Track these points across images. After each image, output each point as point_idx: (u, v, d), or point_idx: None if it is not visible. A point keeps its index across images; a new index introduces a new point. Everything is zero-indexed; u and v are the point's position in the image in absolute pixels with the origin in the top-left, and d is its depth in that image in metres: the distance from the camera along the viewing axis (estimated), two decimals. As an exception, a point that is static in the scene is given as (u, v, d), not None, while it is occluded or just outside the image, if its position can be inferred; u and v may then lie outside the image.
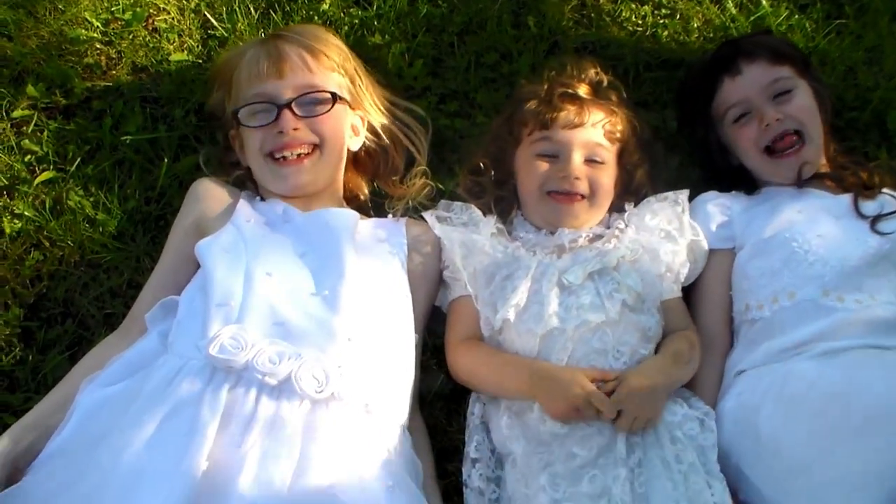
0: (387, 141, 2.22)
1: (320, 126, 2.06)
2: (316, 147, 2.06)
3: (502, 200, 2.15)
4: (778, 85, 2.20)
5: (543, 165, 2.06)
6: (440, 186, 2.26)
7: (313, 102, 2.06)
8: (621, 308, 1.92)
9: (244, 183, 2.14)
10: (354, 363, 1.75)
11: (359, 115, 2.17)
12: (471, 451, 1.92)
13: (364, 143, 2.19)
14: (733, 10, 2.56)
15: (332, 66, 2.12)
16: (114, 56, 2.44)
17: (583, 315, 1.90)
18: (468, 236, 2.04)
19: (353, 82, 2.16)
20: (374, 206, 2.26)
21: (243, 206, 2.02)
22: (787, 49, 2.32)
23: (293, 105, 2.02)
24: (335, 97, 2.07)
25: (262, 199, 2.10)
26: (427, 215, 2.12)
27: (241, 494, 1.52)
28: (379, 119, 2.21)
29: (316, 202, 2.07)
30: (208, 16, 2.50)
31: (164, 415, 1.61)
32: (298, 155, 2.04)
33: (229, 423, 1.60)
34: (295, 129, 2.02)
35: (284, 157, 2.04)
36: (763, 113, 2.17)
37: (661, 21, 2.57)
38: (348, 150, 2.15)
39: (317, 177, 2.07)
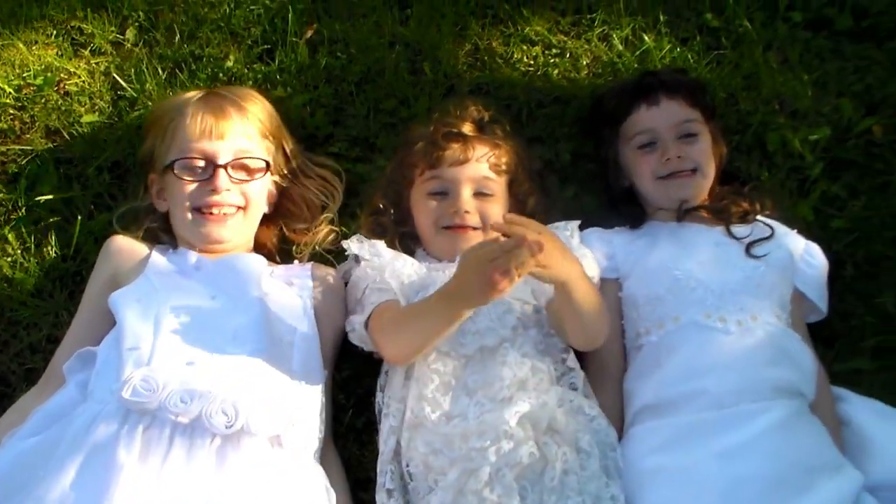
0: (299, 198, 2.46)
1: (248, 190, 2.28)
2: (240, 209, 2.28)
3: (405, 237, 2.37)
4: (687, 126, 2.44)
5: (434, 203, 2.29)
6: (344, 230, 2.46)
7: (245, 167, 2.29)
8: (514, 326, 2.14)
9: (156, 237, 2.34)
10: (263, 398, 1.92)
11: (276, 179, 2.40)
12: (385, 481, 2.06)
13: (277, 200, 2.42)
14: (620, 47, 2.82)
15: (265, 133, 2.36)
16: (27, 120, 2.67)
17: (479, 341, 2.11)
18: (395, 256, 2.25)
19: (277, 149, 2.40)
20: (281, 252, 2.46)
21: (156, 257, 2.22)
22: (703, 95, 2.58)
23: (228, 167, 2.24)
24: (268, 165, 2.32)
25: (174, 248, 2.30)
26: (348, 243, 2.30)
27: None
28: (298, 180, 2.45)
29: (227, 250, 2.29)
30: (117, 78, 2.74)
31: (84, 459, 1.77)
32: (223, 213, 2.25)
33: (146, 462, 1.77)
34: (227, 190, 2.24)
35: (211, 213, 2.24)
36: (667, 147, 2.41)
37: (552, 60, 2.83)
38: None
39: (234, 234, 2.29)
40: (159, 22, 2.86)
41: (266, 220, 2.42)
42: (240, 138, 2.29)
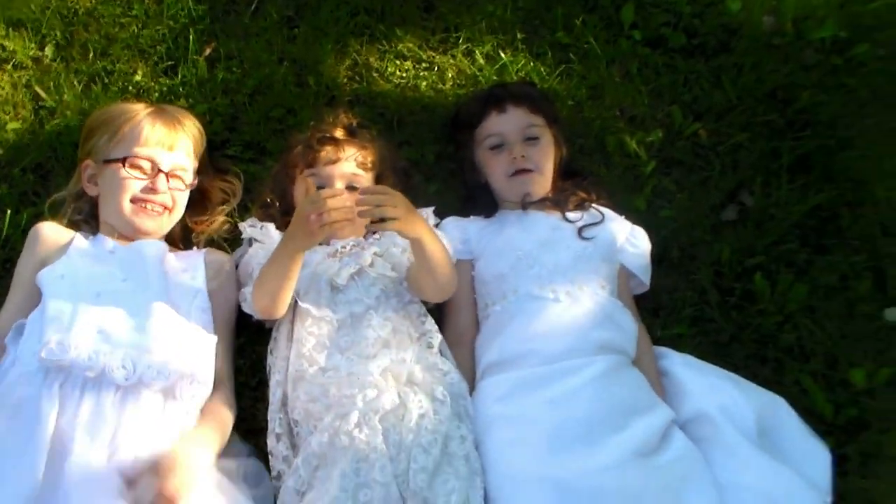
0: (205, 196, 2.89)
1: (177, 196, 2.73)
2: (167, 209, 2.71)
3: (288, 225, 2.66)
4: (530, 130, 2.84)
5: None
6: (237, 220, 2.85)
7: (179, 178, 2.74)
8: (378, 295, 2.58)
9: (77, 226, 2.70)
10: (158, 358, 2.28)
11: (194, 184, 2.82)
12: (274, 427, 2.44)
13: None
14: (481, 62, 3.23)
15: (197, 152, 2.82)
16: (-46, 127, 3.03)
17: (348, 308, 2.54)
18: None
19: (199, 162, 2.84)
20: (183, 239, 2.85)
21: (78, 240, 2.59)
22: (545, 104, 2.97)
23: (169, 174, 2.68)
24: (195, 180, 2.78)
25: (93, 235, 2.66)
26: (244, 225, 2.74)
27: (72, 470, 2.09)
28: (206, 181, 2.88)
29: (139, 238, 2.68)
30: (38, 90, 3.13)
31: (11, 411, 2.17)
32: (155, 210, 2.68)
33: (64, 413, 2.17)
34: (163, 192, 2.67)
35: (145, 207, 2.66)
36: (513, 149, 2.81)
37: (422, 74, 3.23)
38: None
39: (158, 228, 2.70)
40: (75, 40, 3.23)
41: None
42: (181, 153, 2.74)
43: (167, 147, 2.69)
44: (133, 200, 2.64)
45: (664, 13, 3.40)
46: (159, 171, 2.67)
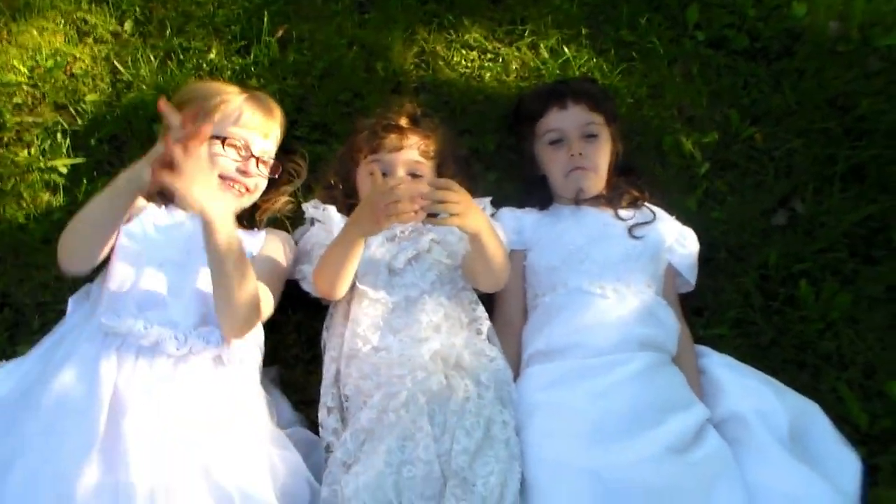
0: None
1: (259, 181, 2.86)
2: (248, 191, 2.84)
3: (351, 207, 2.73)
4: (589, 128, 2.91)
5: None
6: (301, 200, 2.95)
7: (265, 164, 2.87)
8: (433, 281, 2.69)
9: (152, 195, 2.71)
10: (208, 330, 2.45)
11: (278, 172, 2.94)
12: (326, 400, 2.55)
13: None
14: (545, 55, 3.32)
15: (280, 141, 2.95)
16: (38, 97, 3.21)
17: (404, 291, 2.66)
18: (342, 220, 2.76)
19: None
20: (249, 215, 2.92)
21: (152, 209, 2.71)
22: (605, 102, 3.03)
23: (259, 159, 2.81)
24: (277, 168, 2.91)
25: (165, 204, 2.77)
26: (307, 206, 2.86)
27: (128, 429, 2.20)
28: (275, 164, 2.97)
29: None
30: (116, 64, 3.29)
31: (76, 367, 2.31)
32: (238, 190, 2.81)
33: (121, 374, 2.29)
34: (250, 175, 2.81)
35: (232, 186, 2.79)
36: (571, 145, 2.89)
37: (486, 64, 3.33)
38: None
39: (238, 207, 2.82)
40: (153, 16, 3.38)
41: None
42: (271, 141, 2.88)
43: (262, 133, 2.81)
44: (221, 177, 2.77)
45: (729, 14, 3.47)
46: (251, 154, 2.79)
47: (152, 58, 3.29)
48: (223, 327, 2.45)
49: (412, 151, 2.84)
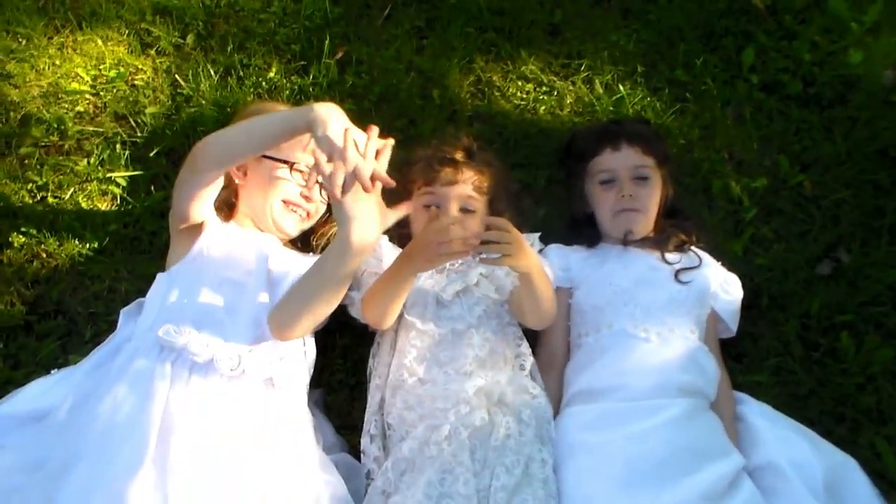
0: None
1: (319, 206, 2.92)
2: (309, 214, 2.91)
3: (402, 237, 2.82)
4: (641, 170, 2.95)
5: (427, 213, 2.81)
6: None
7: (326, 189, 2.86)
8: (480, 315, 2.73)
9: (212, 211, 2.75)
10: (262, 354, 2.48)
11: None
12: (370, 427, 2.58)
13: None
14: (600, 91, 3.38)
15: None
16: (100, 106, 3.29)
17: (451, 324, 2.71)
18: (392, 249, 2.80)
19: None
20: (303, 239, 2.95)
21: (213, 225, 2.76)
22: (658, 144, 3.07)
23: (322, 185, 2.80)
24: None
25: (226, 221, 2.84)
26: None
27: (176, 446, 2.27)
28: None
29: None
30: (177, 77, 3.36)
31: (128, 383, 2.35)
32: (299, 214, 2.88)
33: (173, 390, 2.38)
34: (315, 202, 2.88)
35: (294, 210, 2.86)
36: (623, 186, 2.94)
37: (541, 97, 3.38)
38: None
39: (295, 231, 2.90)
40: (215, 31, 3.46)
41: None
42: None
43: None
44: (284, 201, 2.84)
45: (784, 59, 3.50)
46: (317, 180, 2.84)
47: (213, 72, 3.36)
48: (276, 321, 2.52)
49: (466, 186, 2.85)
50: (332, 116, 2.34)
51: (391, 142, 2.32)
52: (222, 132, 2.59)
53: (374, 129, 2.30)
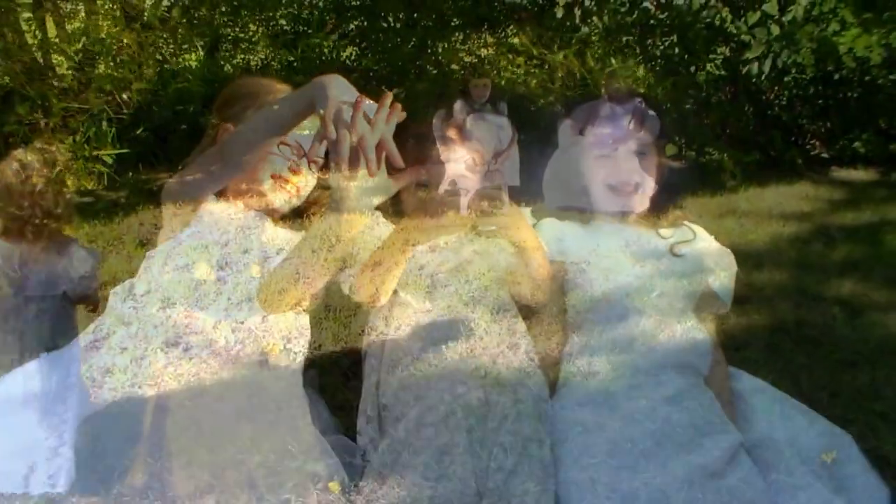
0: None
1: (307, 179, 2.86)
2: (299, 191, 2.85)
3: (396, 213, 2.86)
4: (636, 145, 2.97)
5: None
6: None
7: (315, 163, 2.75)
8: (474, 295, 2.76)
9: None
10: (257, 331, 2.54)
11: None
12: (366, 407, 2.57)
13: None
14: (591, 64, 3.45)
15: None
16: (84, 82, 3.29)
17: (446, 301, 2.73)
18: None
19: None
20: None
21: (208, 203, 2.73)
22: (654, 120, 3.10)
23: (311, 160, 2.74)
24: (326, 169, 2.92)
25: (216, 197, 2.78)
26: None
27: (175, 419, 2.30)
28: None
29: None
30: (163, 52, 3.35)
31: (122, 362, 2.41)
32: (288, 189, 2.81)
33: (167, 367, 2.40)
34: (300, 175, 2.83)
35: (283, 185, 2.79)
36: (619, 161, 2.98)
37: (532, 70, 3.43)
38: None
39: (284, 207, 2.86)
40: (202, 4, 3.46)
41: None
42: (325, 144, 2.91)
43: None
44: (273, 176, 2.80)
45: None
46: (304, 154, 2.82)
47: (199, 47, 3.30)
48: (263, 293, 2.52)
49: (459, 164, 2.86)
50: (334, 85, 2.26)
51: (400, 110, 2.19)
52: (243, 127, 2.58)
53: (389, 96, 2.19)
